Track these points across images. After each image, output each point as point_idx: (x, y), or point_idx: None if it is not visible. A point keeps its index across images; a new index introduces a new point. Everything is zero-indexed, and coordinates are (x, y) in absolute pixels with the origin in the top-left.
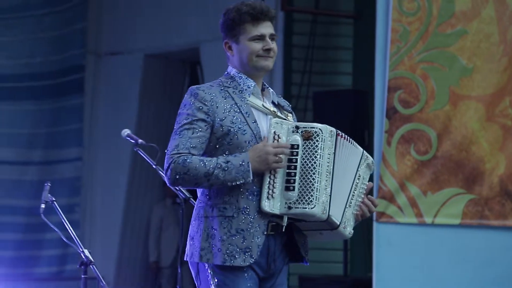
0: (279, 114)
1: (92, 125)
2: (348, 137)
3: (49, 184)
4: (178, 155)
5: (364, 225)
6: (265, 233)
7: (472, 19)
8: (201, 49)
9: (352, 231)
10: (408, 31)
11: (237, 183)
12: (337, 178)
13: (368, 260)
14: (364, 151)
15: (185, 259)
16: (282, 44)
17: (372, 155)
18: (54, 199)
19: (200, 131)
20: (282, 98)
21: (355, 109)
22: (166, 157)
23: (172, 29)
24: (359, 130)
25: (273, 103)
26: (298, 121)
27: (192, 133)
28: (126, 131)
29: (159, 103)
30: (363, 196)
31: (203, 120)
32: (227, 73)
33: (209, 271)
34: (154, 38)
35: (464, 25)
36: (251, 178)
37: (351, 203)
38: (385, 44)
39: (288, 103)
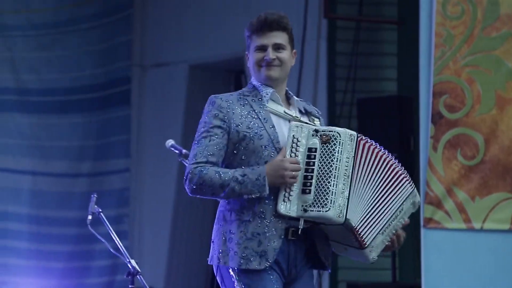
0: (302, 119)
1: (139, 136)
2: (390, 155)
3: (95, 195)
4: (196, 165)
5: (412, 231)
6: (282, 237)
7: None
8: (245, 58)
9: (376, 257)
10: (453, 35)
11: (253, 196)
12: (359, 183)
13: (416, 266)
14: (415, 189)
15: (208, 262)
16: (326, 52)
17: (418, 161)
18: (100, 210)
19: (217, 137)
20: (311, 104)
21: (400, 115)
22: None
23: (216, 39)
24: (405, 136)
25: (300, 111)
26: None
27: (209, 141)
28: (170, 142)
29: None
30: (397, 229)
31: (219, 127)
32: (250, 83)
33: (234, 276)
34: (198, 49)
35: (510, 28)
36: (267, 192)
37: (385, 230)
38: (429, 49)
39: (317, 109)
